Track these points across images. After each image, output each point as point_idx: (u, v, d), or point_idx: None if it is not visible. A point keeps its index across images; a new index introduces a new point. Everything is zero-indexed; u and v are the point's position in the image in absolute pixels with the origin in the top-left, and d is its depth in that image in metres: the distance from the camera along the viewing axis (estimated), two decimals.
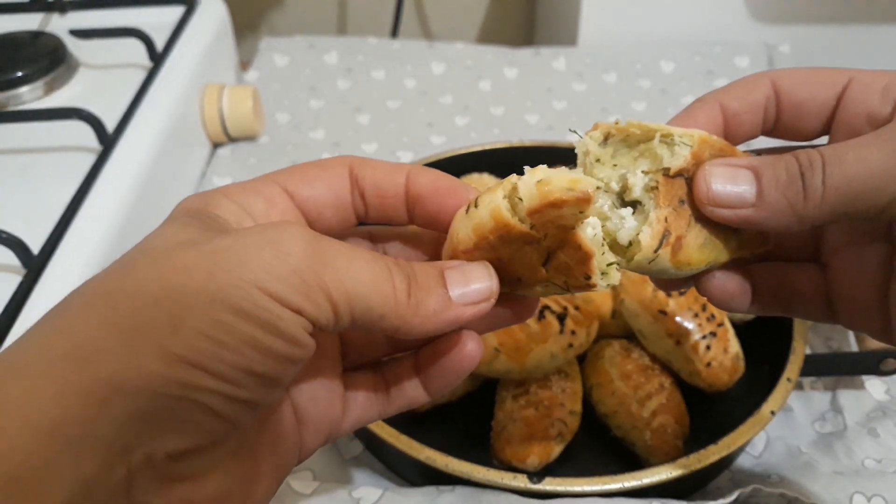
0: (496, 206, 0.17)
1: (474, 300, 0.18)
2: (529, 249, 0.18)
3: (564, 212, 0.17)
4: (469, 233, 0.18)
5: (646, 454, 0.33)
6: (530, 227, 0.17)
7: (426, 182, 0.20)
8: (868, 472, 0.32)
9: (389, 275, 0.17)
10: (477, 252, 0.18)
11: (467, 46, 0.65)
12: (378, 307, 0.17)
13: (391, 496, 0.30)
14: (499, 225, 0.17)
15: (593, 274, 0.18)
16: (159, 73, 0.48)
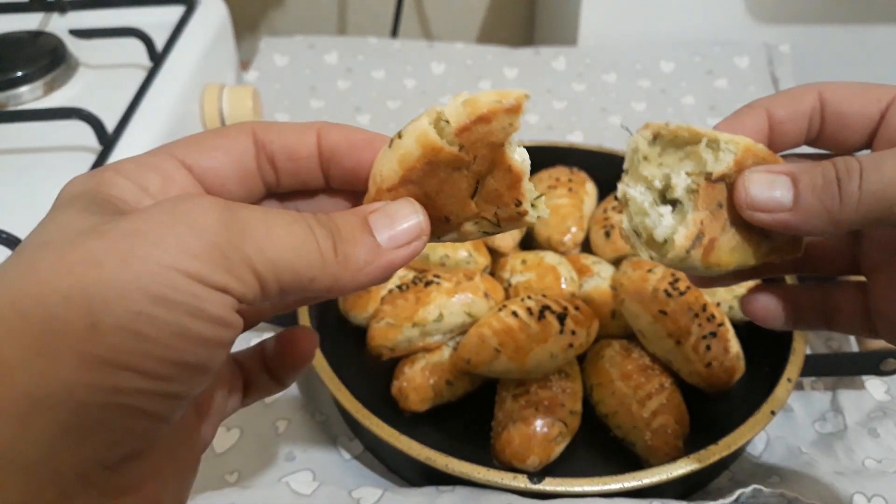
0: (423, 131, 0.17)
1: (405, 240, 0.17)
2: (458, 178, 0.17)
3: (494, 126, 0.16)
4: (394, 166, 0.17)
5: (646, 454, 0.33)
6: (459, 148, 0.17)
7: (340, 137, 0.18)
8: (868, 472, 0.32)
9: (311, 234, 0.16)
10: (402, 188, 0.17)
11: (467, 46, 0.65)
12: (306, 271, 0.16)
13: (391, 496, 0.30)
14: (426, 150, 0.17)
15: (524, 198, 0.17)
16: (159, 73, 0.48)
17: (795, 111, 0.22)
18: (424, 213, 0.18)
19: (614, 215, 0.42)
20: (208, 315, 0.14)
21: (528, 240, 0.44)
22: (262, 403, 0.37)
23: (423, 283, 0.36)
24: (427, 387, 0.35)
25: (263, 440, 0.35)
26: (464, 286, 0.36)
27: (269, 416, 0.37)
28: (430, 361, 0.36)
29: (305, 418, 0.37)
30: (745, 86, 0.61)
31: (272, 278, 0.15)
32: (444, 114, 0.17)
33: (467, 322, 0.35)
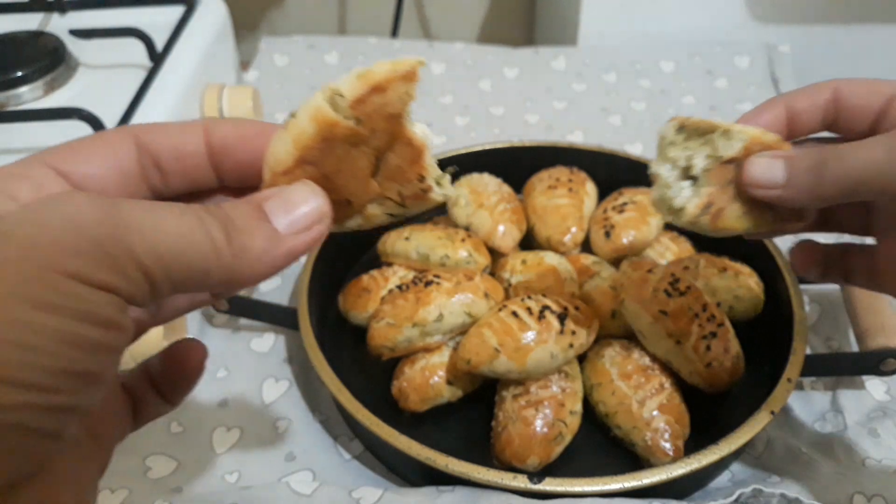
0: (317, 106, 0.16)
1: (305, 225, 0.16)
2: (357, 156, 0.17)
3: (390, 96, 0.16)
4: (289, 147, 0.16)
5: (646, 454, 0.33)
6: (356, 122, 0.16)
7: (229, 131, 0.18)
8: (868, 472, 0.32)
9: (202, 224, 0.15)
10: (299, 171, 0.17)
11: (467, 46, 0.65)
12: (199, 264, 0.15)
13: (391, 496, 0.30)
14: (321, 127, 0.16)
15: (426, 172, 0.17)
16: (159, 73, 0.48)
17: (812, 103, 0.25)
18: (324, 195, 0.17)
19: (614, 215, 0.42)
20: (95, 317, 0.13)
21: (528, 240, 0.44)
22: (262, 403, 0.37)
23: (424, 283, 0.36)
24: (427, 387, 0.35)
25: (263, 440, 0.35)
26: (464, 286, 0.36)
27: (268, 416, 0.37)
28: (431, 361, 0.36)
29: (305, 418, 0.37)
30: (745, 86, 0.61)
31: (162, 274, 0.14)
32: (338, 88, 0.16)
33: (467, 322, 0.35)
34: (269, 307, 0.40)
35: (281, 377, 0.39)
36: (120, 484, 0.32)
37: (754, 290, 0.38)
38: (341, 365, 0.34)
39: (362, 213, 0.18)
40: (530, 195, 0.44)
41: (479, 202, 0.42)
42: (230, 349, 0.40)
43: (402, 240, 0.41)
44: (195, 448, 0.35)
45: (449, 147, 0.53)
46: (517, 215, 0.43)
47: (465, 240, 0.40)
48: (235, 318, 0.41)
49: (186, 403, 0.36)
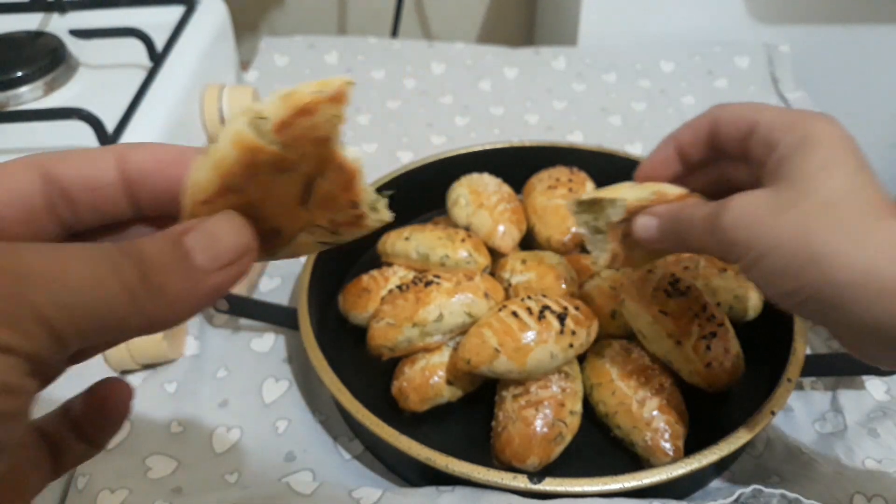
0: (237, 131, 0.15)
1: (229, 259, 0.15)
2: (284, 183, 0.15)
3: (317, 118, 0.15)
4: (209, 174, 0.15)
5: (646, 454, 0.33)
6: (281, 146, 0.15)
7: (145, 157, 0.16)
8: (868, 472, 0.32)
9: (114, 267, 0.13)
10: (221, 200, 0.15)
11: (467, 46, 0.65)
12: (110, 312, 0.13)
13: (391, 496, 0.30)
14: (244, 152, 0.15)
15: (359, 198, 0.16)
16: (159, 73, 0.48)
17: (695, 136, 0.29)
18: (249, 226, 0.15)
19: None
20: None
21: (528, 240, 0.44)
22: (262, 403, 0.37)
23: (424, 283, 0.36)
24: (427, 387, 0.35)
25: (263, 440, 0.35)
26: (464, 286, 0.36)
27: (269, 416, 0.37)
28: (431, 361, 0.36)
29: (305, 418, 0.37)
30: (745, 86, 0.61)
31: (70, 328, 0.13)
32: (261, 111, 0.15)
33: (467, 322, 0.35)
34: (270, 307, 0.40)
35: (281, 377, 0.39)
36: (120, 484, 0.32)
37: (754, 290, 0.38)
38: (341, 365, 0.34)
39: (292, 242, 0.17)
40: (530, 195, 0.44)
41: (479, 202, 0.42)
42: (230, 349, 0.40)
43: (402, 240, 0.41)
44: (195, 448, 0.35)
45: (449, 147, 0.53)
46: (517, 215, 0.43)
47: (465, 240, 0.40)
48: (235, 318, 0.41)
49: (186, 403, 0.37)
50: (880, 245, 0.23)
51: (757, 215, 0.24)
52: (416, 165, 0.46)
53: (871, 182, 0.25)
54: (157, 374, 0.38)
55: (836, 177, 0.24)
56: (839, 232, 0.23)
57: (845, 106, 0.68)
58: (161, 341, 0.36)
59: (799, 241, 0.23)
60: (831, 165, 0.24)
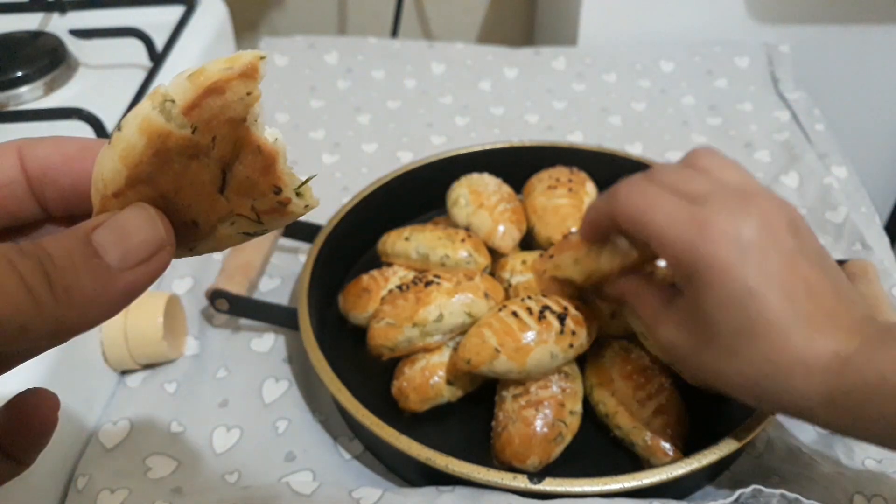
0: (144, 116, 0.14)
1: (143, 256, 0.14)
2: (198, 170, 0.14)
3: (228, 97, 0.14)
4: (117, 165, 0.14)
5: (646, 454, 0.33)
6: (192, 130, 0.14)
7: (48, 152, 0.15)
8: (868, 473, 0.32)
9: (13, 270, 0.12)
10: (132, 192, 0.14)
11: (467, 46, 0.65)
12: (12, 318, 0.12)
13: (391, 496, 0.30)
14: (152, 138, 0.14)
15: (282, 182, 0.15)
16: (159, 73, 0.48)
17: (596, 229, 0.31)
18: (163, 219, 0.14)
19: None
20: None
21: (528, 240, 0.44)
22: (262, 403, 0.37)
23: (424, 284, 0.36)
24: (427, 387, 0.35)
25: (263, 440, 0.35)
26: (464, 286, 0.36)
27: (269, 416, 0.37)
28: (431, 361, 0.36)
29: (305, 418, 0.37)
30: (744, 85, 0.61)
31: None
32: (168, 93, 0.14)
33: (467, 322, 0.35)
34: (270, 307, 0.40)
35: (281, 377, 0.39)
36: (120, 484, 0.32)
37: None
38: (341, 365, 0.34)
39: (212, 234, 0.16)
40: (530, 195, 0.44)
41: (479, 202, 0.42)
42: (230, 349, 0.40)
43: (402, 240, 0.41)
44: (195, 448, 0.35)
45: (449, 147, 0.53)
46: (517, 215, 0.43)
47: (465, 240, 0.40)
48: (235, 319, 0.41)
49: (186, 403, 0.37)
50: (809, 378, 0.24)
51: (678, 351, 0.28)
52: (416, 165, 0.46)
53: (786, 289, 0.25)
54: (157, 374, 0.38)
55: (735, 311, 0.25)
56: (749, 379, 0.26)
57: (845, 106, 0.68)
58: (161, 341, 0.36)
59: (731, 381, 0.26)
60: (725, 301, 0.25)
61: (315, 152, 0.55)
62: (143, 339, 0.36)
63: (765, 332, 0.24)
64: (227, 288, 0.38)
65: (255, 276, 0.40)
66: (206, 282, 0.41)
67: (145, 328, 0.35)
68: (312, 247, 0.41)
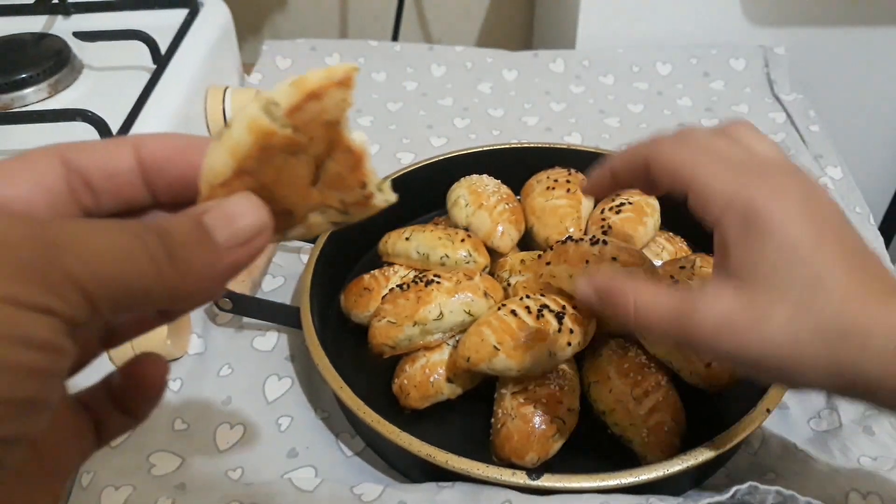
0: (253, 116, 0.16)
1: (246, 237, 0.16)
2: (296, 165, 0.17)
3: (326, 102, 0.16)
4: (226, 159, 0.16)
5: (643, 451, 0.33)
6: (293, 130, 0.16)
7: (159, 145, 0.17)
8: (864, 470, 0.33)
9: (141, 240, 0.14)
10: (237, 182, 0.16)
11: (467, 49, 0.66)
12: (138, 282, 0.14)
13: (392, 492, 0.31)
14: (258, 136, 0.16)
15: (367, 179, 0.17)
16: (163, 76, 0.49)
17: (630, 172, 0.26)
18: (264, 206, 0.16)
19: (611, 216, 0.43)
20: (34, 342, 0.13)
21: (527, 240, 0.44)
22: (265, 401, 0.38)
23: (424, 283, 0.37)
24: (427, 384, 0.35)
25: (266, 437, 0.36)
26: (464, 285, 0.36)
27: (271, 413, 0.37)
28: (431, 359, 0.36)
29: (307, 415, 0.37)
30: (741, 87, 0.62)
31: (101, 294, 0.13)
32: (273, 98, 0.16)
33: (467, 321, 0.36)
34: (272, 306, 0.40)
35: (283, 375, 0.39)
36: (123, 481, 0.33)
37: None
38: (343, 363, 0.35)
39: (304, 222, 0.18)
40: (529, 196, 0.45)
41: (479, 203, 0.43)
42: (233, 347, 0.40)
43: (402, 240, 0.42)
44: (198, 445, 0.35)
45: (449, 148, 0.53)
46: (516, 216, 0.43)
47: (465, 240, 0.41)
48: (239, 317, 0.42)
49: (190, 401, 0.37)
50: None
51: (736, 330, 0.22)
52: (417, 166, 0.47)
53: (843, 248, 0.22)
54: None
55: (801, 267, 0.21)
56: (833, 334, 0.21)
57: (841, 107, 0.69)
58: (165, 339, 0.37)
59: (786, 356, 0.21)
60: (791, 252, 0.21)
61: None
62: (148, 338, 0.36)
63: (837, 285, 0.21)
64: (230, 287, 0.39)
65: (259, 276, 0.41)
66: None
67: None
68: (314, 247, 0.41)
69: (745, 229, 0.22)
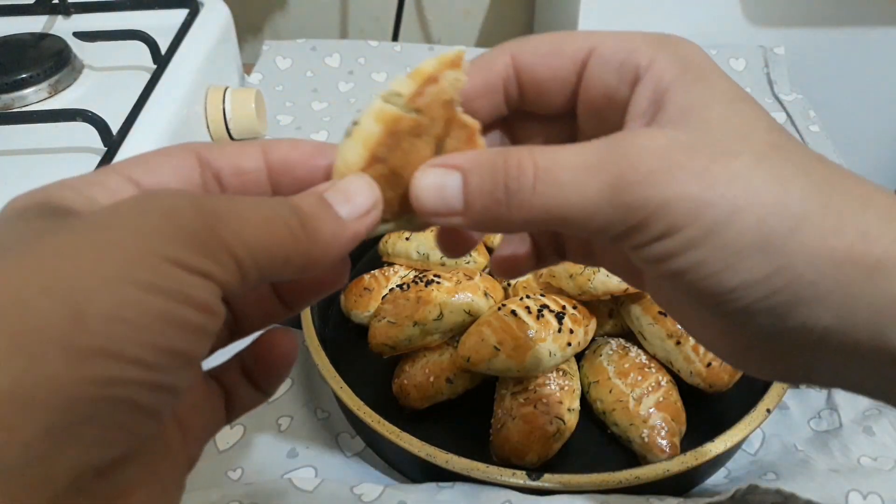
0: (379, 108, 0.18)
1: (364, 210, 0.18)
2: (421, 146, 0.18)
3: (442, 84, 0.18)
4: (358, 150, 0.18)
5: (643, 451, 0.33)
6: (416, 113, 0.18)
7: (287, 149, 0.19)
8: (864, 470, 0.33)
9: (280, 213, 0.16)
10: (370, 169, 0.18)
11: (467, 49, 0.66)
12: (280, 250, 0.15)
13: (392, 492, 0.31)
14: (387, 123, 0.18)
15: (480, 149, 0.19)
16: (163, 76, 0.49)
17: (486, 84, 0.19)
18: (375, 184, 0.18)
19: None
20: (194, 301, 0.14)
21: None
22: None
23: (424, 283, 0.37)
24: (427, 384, 0.35)
25: (266, 437, 0.36)
26: (464, 285, 0.36)
27: (271, 413, 0.37)
28: (431, 359, 0.36)
29: (307, 416, 0.37)
30: None
31: (250, 262, 0.15)
32: (395, 90, 0.18)
33: (467, 321, 0.36)
34: None
35: None
36: None
37: None
38: (343, 363, 0.35)
39: None
40: None
41: None
42: (233, 347, 0.40)
43: (402, 240, 0.42)
44: None
45: None
46: None
47: None
48: None
49: None
50: None
51: (695, 164, 0.16)
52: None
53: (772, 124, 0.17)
54: None
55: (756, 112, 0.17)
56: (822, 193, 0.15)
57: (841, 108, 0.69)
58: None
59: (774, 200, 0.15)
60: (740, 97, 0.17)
61: None
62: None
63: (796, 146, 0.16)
64: None
65: None
66: None
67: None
68: None
69: (685, 68, 0.17)
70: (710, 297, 0.16)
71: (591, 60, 0.18)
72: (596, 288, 0.33)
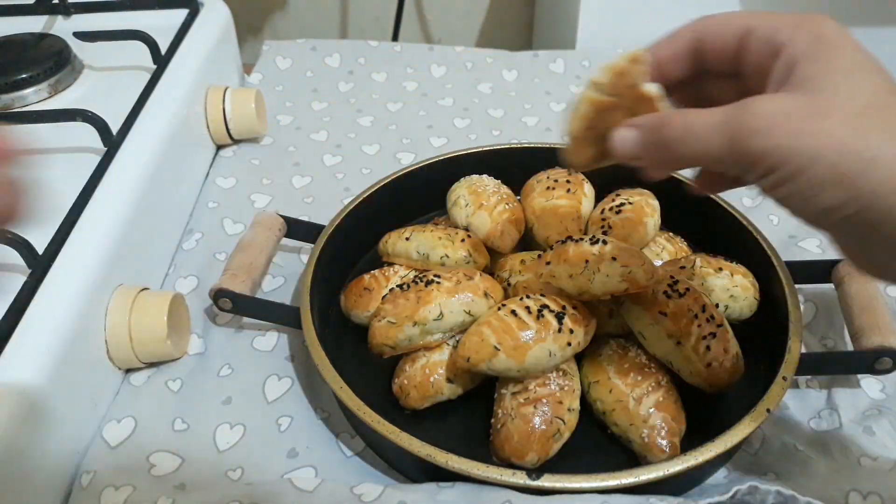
0: (587, 95, 0.26)
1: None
2: (618, 115, 0.26)
3: (629, 75, 0.25)
4: (578, 123, 0.27)
5: (643, 451, 0.33)
6: (612, 95, 0.26)
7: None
8: (864, 470, 0.33)
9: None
10: (589, 133, 0.27)
11: (467, 50, 0.66)
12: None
13: (392, 492, 0.31)
14: (594, 103, 0.26)
15: (661, 110, 0.26)
16: (163, 76, 0.49)
17: (675, 52, 0.26)
18: None
19: (611, 216, 0.43)
20: None
21: (526, 240, 0.44)
22: (265, 401, 0.38)
23: (424, 283, 0.37)
24: (427, 384, 0.35)
25: (266, 437, 0.36)
26: (464, 285, 0.36)
27: (271, 413, 0.37)
28: (431, 359, 0.36)
29: (307, 416, 0.37)
30: None
31: None
32: (597, 81, 0.26)
33: (467, 321, 0.36)
34: (272, 306, 0.40)
35: (283, 375, 0.39)
36: (123, 481, 0.33)
37: (750, 289, 0.39)
38: (343, 363, 0.35)
39: None
40: (529, 196, 0.45)
41: (479, 203, 0.43)
42: (233, 347, 0.40)
43: (402, 240, 0.42)
44: (199, 445, 0.35)
45: (449, 148, 0.53)
46: (516, 216, 0.43)
47: (465, 240, 0.41)
48: (239, 317, 0.42)
49: (190, 401, 0.37)
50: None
51: (791, 122, 0.21)
52: (417, 166, 0.47)
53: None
54: (162, 372, 0.39)
55: (869, 80, 0.22)
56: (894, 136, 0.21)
57: None
58: (165, 339, 0.37)
59: (849, 148, 0.21)
60: (860, 68, 0.22)
61: (317, 153, 0.55)
62: (148, 337, 0.36)
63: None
64: (230, 287, 0.39)
65: (259, 276, 0.41)
66: (209, 281, 0.42)
67: (150, 327, 0.36)
68: (315, 247, 0.41)
69: (815, 41, 0.23)
70: (808, 216, 0.23)
71: (749, 37, 0.24)
72: (596, 288, 0.33)
